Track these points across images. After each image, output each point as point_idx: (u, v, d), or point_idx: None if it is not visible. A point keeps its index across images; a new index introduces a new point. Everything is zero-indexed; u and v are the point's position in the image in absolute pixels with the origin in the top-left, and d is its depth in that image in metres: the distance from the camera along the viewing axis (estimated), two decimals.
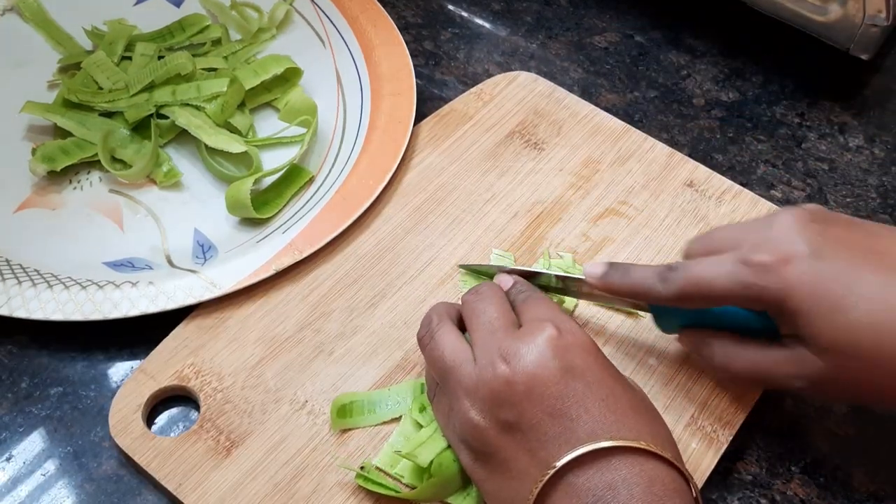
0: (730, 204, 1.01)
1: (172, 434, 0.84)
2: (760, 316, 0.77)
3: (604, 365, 0.74)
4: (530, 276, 0.88)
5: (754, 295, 0.74)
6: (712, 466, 0.83)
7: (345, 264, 0.94)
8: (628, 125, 1.08)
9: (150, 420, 0.85)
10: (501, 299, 0.81)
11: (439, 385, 0.79)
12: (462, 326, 0.81)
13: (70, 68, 1.10)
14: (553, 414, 0.70)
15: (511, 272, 0.88)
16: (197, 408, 0.85)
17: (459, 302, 0.84)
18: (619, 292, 0.83)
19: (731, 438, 0.84)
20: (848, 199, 1.06)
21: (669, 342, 0.89)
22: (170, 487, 0.79)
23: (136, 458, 0.81)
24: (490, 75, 1.13)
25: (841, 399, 0.88)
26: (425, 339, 0.80)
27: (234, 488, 0.79)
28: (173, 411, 0.86)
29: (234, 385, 0.85)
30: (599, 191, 1.02)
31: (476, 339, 0.77)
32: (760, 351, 0.78)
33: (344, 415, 0.84)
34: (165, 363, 0.86)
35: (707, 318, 0.81)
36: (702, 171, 1.04)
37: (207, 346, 0.88)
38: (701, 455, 0.83)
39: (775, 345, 0.78)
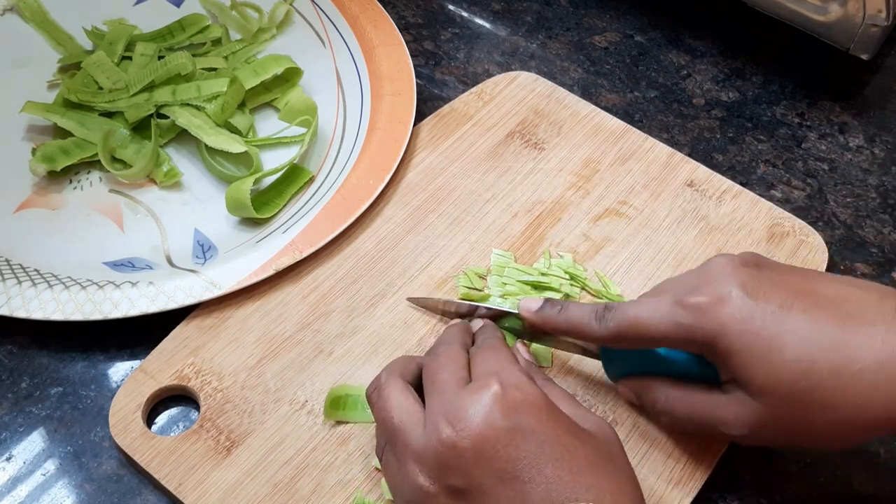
0: (730, 204, 1.01)
1: (172, 434, 0.84)
2: (702, 362, 0.77)
3: (556, 419, 0.71)
4: (470, 312, 0.89)
5: (688, 335, 0.74)
6: (712, 467, 0.83)
7: (345, 264, 0.94)
8: (628, 125, 1.08)
9: (150, 420, 0.85)
10: (456, 359, 0.77)
11: (387, 445, 0.76)
12: (420, 383, 0.78)
13: (70, 68, 1.11)
14: (503, 478, 0.68)
15: (457, 308, 0.89)
16: (197, 408, 0.86)
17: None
18: (556, 329, 0.82)
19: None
20: (848, 199, 1.06)
21: None
22: (170, 487, 0.79)
23: (135, 458, 0.81)
24: (490, 75, 1.13)
25: (781, 444, 0.85)
26: (373, 397, 0.77)
27: (233, 488, 0.79)
28: (173, 411, 0.86)
29: (234, 385, 0.86)
30: (599, 191, 1.02)
31: (428, 402, 0.74)
32: (701, 395, 0.77)
33: (336, 406, 0.84)
34: (165, 363, 0.86)
35: (651, 365, 0.81)
36: (702, 171, 1.04)
37: (207, 346, 0.88)
38: (701, 455, 0.83)
39: (716, 390, 0.76)
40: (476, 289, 0.93)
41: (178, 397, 0.86)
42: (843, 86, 1.18)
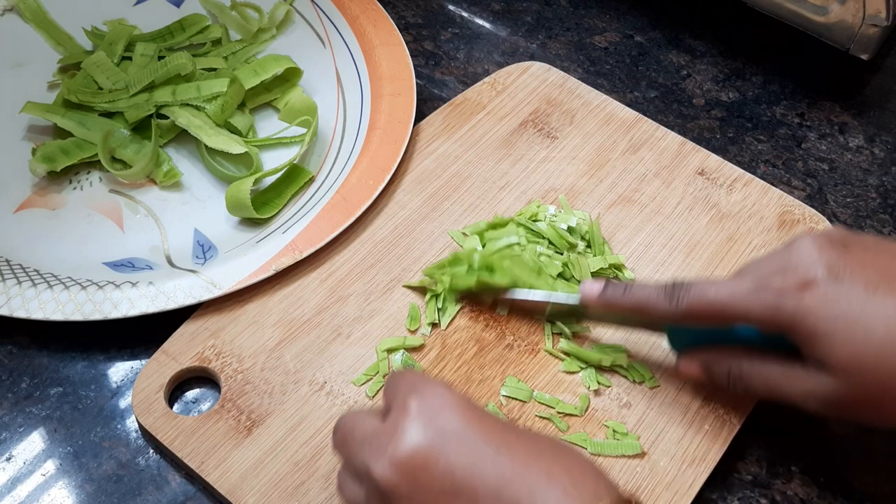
0: (741, 192, 1.01)
1: (193, 415, 0.84)
2: (778, 336, 0.76)
3: (482, 418, 0.67)
4: (528, 305, 0.90)
5: (771, 317, 0.74)
6: (724, 448, 0.83)
7: (361, 250, 0.95)
8: (639, 115, 1.08)
9: (170, 402, 0.85)
10: (355, 422, 0.72)
11: None
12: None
13: (70, 68, 1.10)
14: (447, 493, 0.64)
15: (513, 300, 0.90)
16: (217, 391, 0.86)
17: None
18: (621, 308, 0.82)
19: (743, 420, 0.85)
20: (848, 199, 1.06)
21: None
22: (192, 465, 0.80)
23: (158, 437, 0.81)
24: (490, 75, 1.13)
25: (858, 421, 0.83)
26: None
27: (255, 466, 0.80)
28: (193, 393, 0.86)
29: (255, 366, 0.86)
30: (612, 178, 1.02)
31: (352, 460, 0.70)
32: (777, 368, 0.77)
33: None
34: (186, 345, 0.87)
35: (722, 336, 0.81)
36: (713, 159, 1.04)
37: (227, 329, 0.88)
38: (714, 436, 0.84)
39: (793, 361, 0.76)
40: None
41: (196, 379, 0.87)
42: (843, 86, 1.19)
